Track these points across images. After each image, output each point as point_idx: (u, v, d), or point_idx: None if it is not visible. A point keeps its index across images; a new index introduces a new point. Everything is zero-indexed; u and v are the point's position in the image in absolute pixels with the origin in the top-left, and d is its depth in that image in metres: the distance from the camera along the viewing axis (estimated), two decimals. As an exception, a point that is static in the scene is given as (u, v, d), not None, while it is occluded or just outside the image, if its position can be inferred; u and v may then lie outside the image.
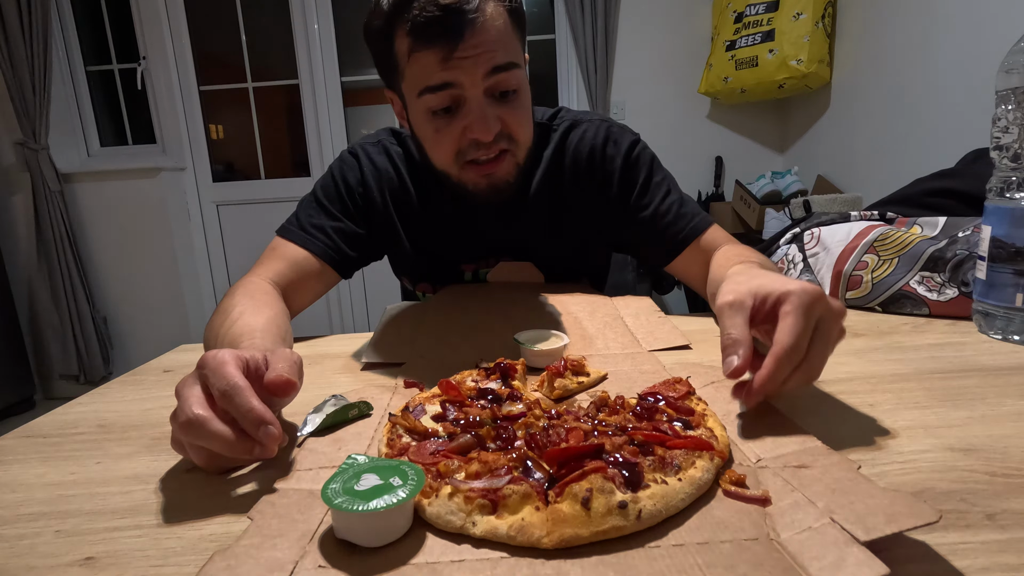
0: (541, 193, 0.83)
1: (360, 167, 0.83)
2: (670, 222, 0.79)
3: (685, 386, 0.44)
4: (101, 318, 2.75)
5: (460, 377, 0.50)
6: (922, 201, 0.91)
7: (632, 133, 0.85)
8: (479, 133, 0.67)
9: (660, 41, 2.70)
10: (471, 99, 0.66)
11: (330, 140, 2.82)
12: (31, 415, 1.98)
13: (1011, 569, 0.26)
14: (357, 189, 0.82)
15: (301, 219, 0.79)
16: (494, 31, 0.64)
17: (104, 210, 2.69)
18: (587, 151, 0.83)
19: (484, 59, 0.64)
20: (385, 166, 0.84)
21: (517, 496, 0.30)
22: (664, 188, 0.81)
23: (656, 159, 0.84)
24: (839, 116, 2.38)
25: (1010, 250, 0.58)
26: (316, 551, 0.29)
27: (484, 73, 0.65)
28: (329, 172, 0.84)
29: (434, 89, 0.66)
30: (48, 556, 0.31)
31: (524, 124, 0.73)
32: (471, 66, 0.64)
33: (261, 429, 0.35)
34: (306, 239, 0.77)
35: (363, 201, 0.83)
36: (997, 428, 0.40)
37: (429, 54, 0.63)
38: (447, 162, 0.72)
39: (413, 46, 0.64)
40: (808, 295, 0.40)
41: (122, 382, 0.62)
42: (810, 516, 0.28)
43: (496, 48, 0.65)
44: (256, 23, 2.75)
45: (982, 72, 1.64)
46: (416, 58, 0.65)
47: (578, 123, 0.85)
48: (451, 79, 0.65)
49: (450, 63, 0.63)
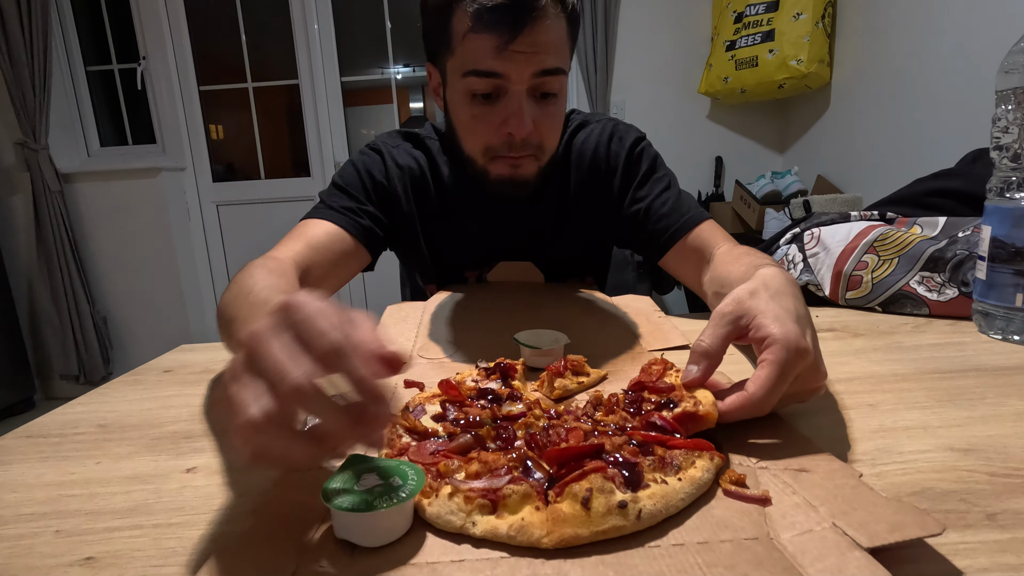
0: (550, 193, 0.84)
1: (384, 162, 0.84)
2: (664, 215, 0.78)
3: (661, 363, 0.45)
4: (101, 318, 2.75)
5: (460, 377, 0.50)
6: (922, 201, 0.91)
7: (638, 131, 0.86)
8: (514, 127, 0.68)
9: (660, 41, 2.70)
10: (513, 94, 0.67)
11: (330, 140, 2.82)
12: (31, 415, 1.98)
13: (1011, 569, 0.26)
14: (381, 181, 0.82)
15: (326, 202, 0.78)
16: (552, 33, 0.65)
17: (104, 210, 2.69)
18: (592, 149, 0.84)
19: (537, 58, 0.65)
20: (407, 163, 0.84)
21: (517, 496, 0.30)
22: (663, 184, 0.81)
23: (660, 158, 0.85)
24: (839, 116, 2.38)
25: (1010, 250, 0.58)
26: (316, 551, 0.29)
27: (533, 72, 0.66)
28: (350, 164, 0.84)
29: (481, 74, 0.66)
30: (48, 556, 0.31)
31: (554, 132, 0.74)
32: (523, 61, 0.64)
33: (381, 406, 0.27)
34: (337, 216, 0.76)
35: (386, 194, 0.83)
36: (997, 428, 0.40)
37: (486, 39, 0.63)
38: (476, 150, 0.73)
39: (473, 26, 0.64)
40: (792, 351, 0.37)
41: (122, 382, 0.62)
42: (811, 519, 0.28)
43: (550, 51, 0.65)
44: (256, 23, 2.75)
45: (982, 72, 1.64)
46: (472, 39, 0.65)
47: (586, 123, 0.86)
48: (501, 69, 0.65)
49: (504, 53, 0.63)
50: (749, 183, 2.55)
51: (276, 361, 0.26)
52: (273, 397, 0.26)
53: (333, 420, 0.26)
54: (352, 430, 0.27)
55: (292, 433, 0.27)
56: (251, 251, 3.14)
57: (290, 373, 0.25)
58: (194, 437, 0.46)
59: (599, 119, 0.86)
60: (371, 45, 2.80)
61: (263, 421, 0.25)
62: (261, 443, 0.26)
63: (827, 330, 0.66)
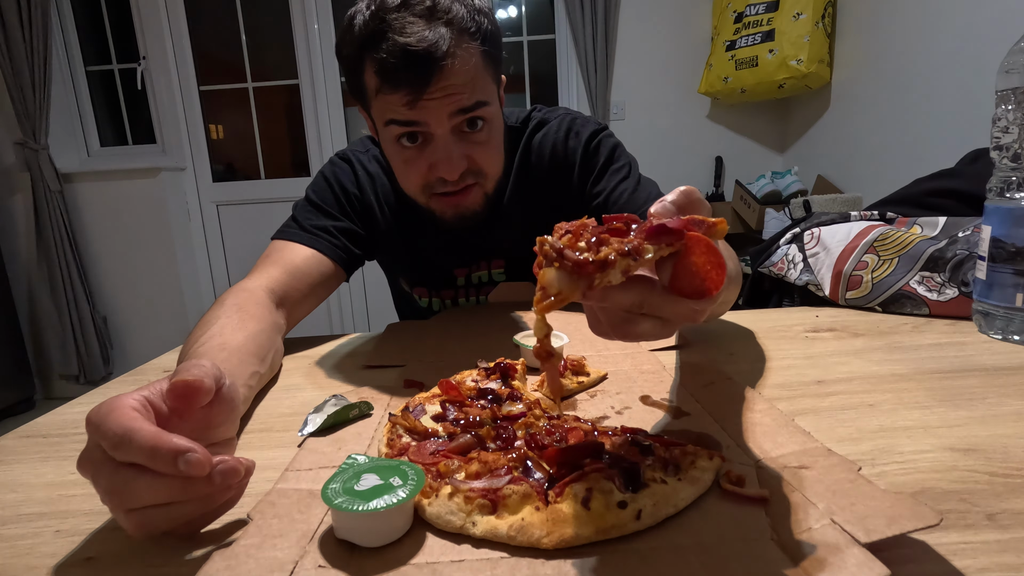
0: (513, 198, 0.83)
1: (354, 171, 0.83)
2: (622, 205, 0.77)
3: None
4: (101, 318, 2.75)
5: (460, 377, 0.50)
6: (922, 201, 0.91)
7: (596, 123, 0.84)
8: (444, 172, 0.67)
9: (660, 41, 2.70)
10: (438, 138, 0.66)
11: (330, 140, 2.83)
12: (31, 415, 1.98)
13: (1011, 569, 0.26)
14: (353, 191, 0.82)
15: (300, 221, 0.78)
16: (463, 74, 0.63)
17: (104, 210, 2.69)
18: (550, 148, 0.82)
19: (450, 101, 0.64)
20: (377, 172, 0.84)
21: (517, 496, 0.30)
22: (621, 174, 0.79)
23: (620, 147, 0.82)
24: (839, 116, 2.38)
25: (1010, 250, 0.58)
26: (316, 551, 0.29)
27: (450, 113, 0.64)
28: (321, 176, 0.83)
29: (400, 123, 0.66)
30: (48, 556, 0.31)
31: (492, 157, 0.72)
32: (436, 107, 0.63)
33: (180, 460, 0.28)
34: (311, 239, 0.75)
35: (359, 204, 0.82)
36: (997, 428, 0.40)
37: (395, 96, 0.63)
38: (415, 191, 0.72)
39: (380, 86, 0.63)
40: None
41: (122, 382, 0.62)
42: (810, 517, 0.28)
43: (464, 91, 0.64)
44: (256, 23, 2.75)
45: (982, 72, 1.64)
46: (382, 97, 0.64)
47: (544, 122, 0.84)
48: (417, 118, 0.64)
49: (416, 105, 0.63)
50: (749, 183, 2.55)
51: (91, 463, 0.31)
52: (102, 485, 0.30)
53: (156, 492, 0.29)
54: (184, 491, 0.30)
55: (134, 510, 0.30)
56: (251, 251, 3.12)
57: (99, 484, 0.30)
58: (194, 437, 0.46)
59: (557, 115, 0.84)
60: (371, 45, 2.80)
61: (107, 494, 0.30)
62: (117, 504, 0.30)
63: (827, 330, 0.66)
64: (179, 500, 0.30)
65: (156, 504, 0.29)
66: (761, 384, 0.50)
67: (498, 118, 0.72)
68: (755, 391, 0.46)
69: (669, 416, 0.44)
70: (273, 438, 0.45)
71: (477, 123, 0.68)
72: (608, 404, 0.47)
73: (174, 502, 0.30)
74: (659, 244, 0.28)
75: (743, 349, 0.60)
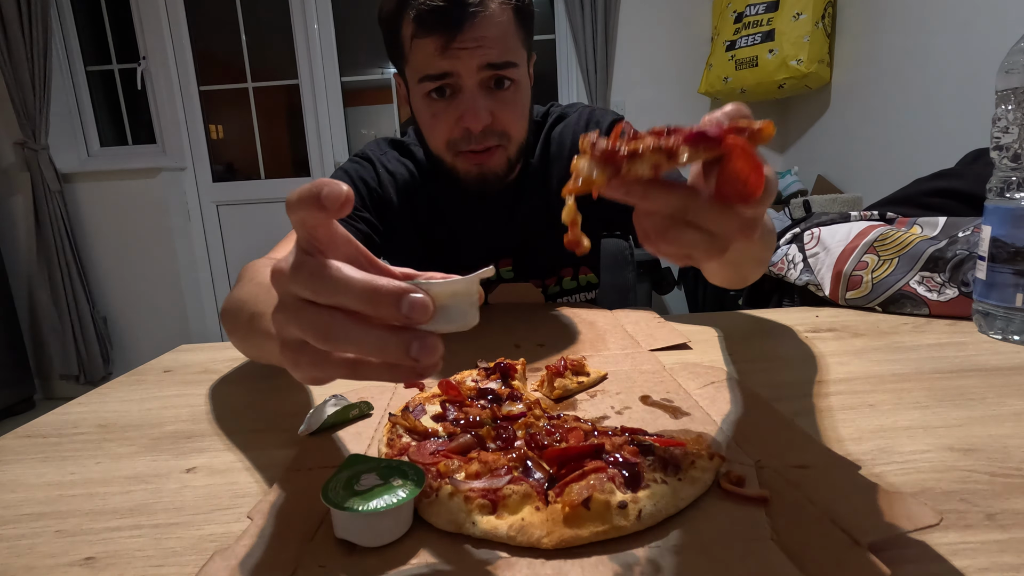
0: (535, 190, 0.85)
1: (375, 169, 0.85)
2: None
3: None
4: (101, 318, 2.75)
5: (460, 377, 0.50)
6: (922, 201, 0.91)
7: (615, 114, 0.87)
8: (469, 122, 0.70)
9: (660, 41, 2.70)
10: (466, 89, 0.69)
11: (330, 140, 2.82)
12: (31, 415, 1.98)
13: (1011, 569, 0.26)
14: (375, 188, 0.84)
15: None
16: (495, 27, 0.67)
17: (104, 210, 2.69)
18: (571, 138, 0.85)
19: (480, 53, 0.67)
20: (397, 169, 0.86)
21: (517, 496, 0.30)
22: None
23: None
24: (839, 116, 2.38)
25: (1010, 250, 0.58)
26: (316, 551, 0.29)
27: (479, 65, 0.68)
28: (343, 172, 0.85)
29: (432, 78, 0.69)
30: (48, 556, 0.31)
31: (517, 119, 0.74)
32: (467, 57, 0.67)
33: (404, 300, 0.25)
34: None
35: (380, 200, 0.84)
36: (997, 428, 0.40)
37: (429, 42, 0.67)
38: (441, 147, 0.75)
39: (416, 32, 0.67)
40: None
41: (122, 382, 0.62)
42: (810, 516, 0.28)
43: (494, 45, 0.67)
44: (256, 23, 2.74)
45: (982, 72, 1.63)
46: (418, 44, 0.68)
47: (564, 116, 0.88)
48: (448, 68, 0.68)
49: (448, 52, 0.66)
50: (749, 183, 2.55)
51: (334, 276, 0.26)
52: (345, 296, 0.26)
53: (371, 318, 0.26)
54: (395, 348, 0.26)
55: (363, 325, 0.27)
56: (251, 251, 3.12)
57: (354, 280, 0.26)
58: (194, 437, 0.46)
59: (576, 109, 0.88)
60: (371, 45, 2.80)
61: (310, 322, 0.26)
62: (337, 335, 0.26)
63: (827, 330, 0.66)
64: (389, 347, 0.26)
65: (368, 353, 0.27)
66: (761, 384, 0.50)
67: (526, 87, 0.75)
68: (755, 391, 0.46)
69: (669, 416, 0.44)
70: (273, 438, 0.45)
71: (504, 83, 0.71)
72: (608, 404, 0.47)
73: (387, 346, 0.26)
74: (697, 148, 0.28)
75: (743, 349, 0.60)
